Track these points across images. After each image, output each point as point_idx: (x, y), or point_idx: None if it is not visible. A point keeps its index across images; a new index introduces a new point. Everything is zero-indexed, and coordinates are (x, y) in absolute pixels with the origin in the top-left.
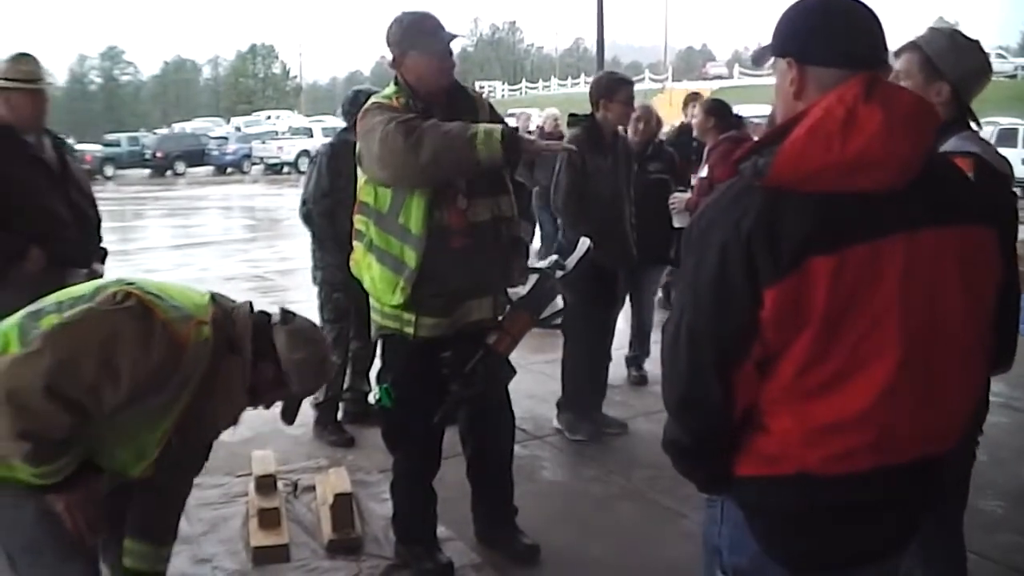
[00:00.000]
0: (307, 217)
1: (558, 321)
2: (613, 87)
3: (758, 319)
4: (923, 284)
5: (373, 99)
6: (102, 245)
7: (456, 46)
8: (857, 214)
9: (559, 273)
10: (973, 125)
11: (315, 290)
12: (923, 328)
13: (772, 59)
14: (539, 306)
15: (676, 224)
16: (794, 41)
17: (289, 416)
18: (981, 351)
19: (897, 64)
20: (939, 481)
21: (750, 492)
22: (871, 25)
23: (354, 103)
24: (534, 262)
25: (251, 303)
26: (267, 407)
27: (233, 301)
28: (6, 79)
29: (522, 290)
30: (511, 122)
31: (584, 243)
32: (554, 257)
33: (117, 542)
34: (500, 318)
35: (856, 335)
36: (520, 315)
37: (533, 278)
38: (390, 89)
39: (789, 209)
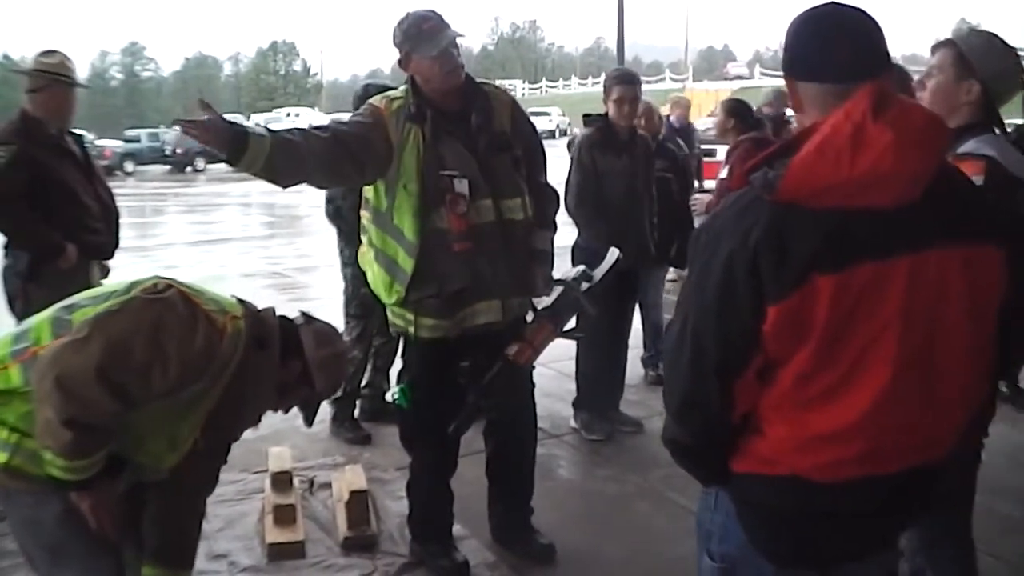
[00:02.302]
0: (335, 214)
1: (580, 333)
2: (608, 84)
3: (760, 330)
4: (925, 302)
5: (370, 100)
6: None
7: (476, 44)
8: (864, 232)
9: (585, 286)
10: (997, 131)
11: (337, 288)
12: (922, 345)
13: None
14: (562, 317)
15: (697, 225)
16: (786, 57)
17: (310, 418)
18: (981, 366)
19: (932, 59)
20: (928, 489)
21: (745, 488)
22: (859, 33)
23: (364, 97)
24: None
25: (274, 308)
26: (286, 411)
27: (257, 306)
28: (53, 73)
29: (546, 300)
30: (539, 121)
31: (613, 253)
32: (581, 267)
33: (132, 543)
34: (527, 321)
35: (856, 349)
36: (543, 326)
37: (557, 289)
38: (399, 90)
39: (796, 225)
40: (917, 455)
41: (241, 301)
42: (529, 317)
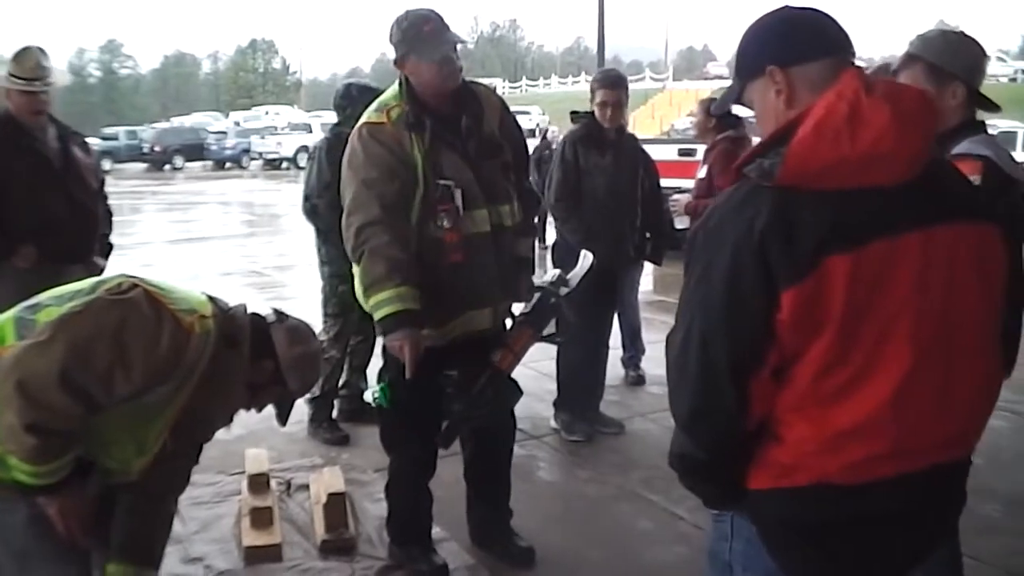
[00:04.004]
0: (312, 211)
1: (559, 338)
2: (592, 88)
3: (774, 322)
4: (938, 281)
5: (364, 117)
6: (109, 239)
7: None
8: (872, 210)
9: (563, 291)
10: (994, 122)
11: (315, 286)
12: (939, 327)
13: (743, 91)
14: (541, 322)
15: (678, 226)
16: (768, 50)
17: (283, 417)
18: (997, 350)
19: (902, 80)
20: (960, 489)
21: (765, 506)
22: (833, 20)
23: (345, 96)
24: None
25: (246, 305)
26: (259, 409)
27: (228, 303)
28: (9, 75)
29: (524, 305)
30: (520, 120)
31: (587, 258)
32: (557, 272)
33: (102, 548)
34: (506, 330)
35: (874, 334)
36: (523, 331)
37: (535, 294)
38: (391, 92)
39: (802, 207)
40: (943, 448)
41: (211, 299)
42: (508, 323)
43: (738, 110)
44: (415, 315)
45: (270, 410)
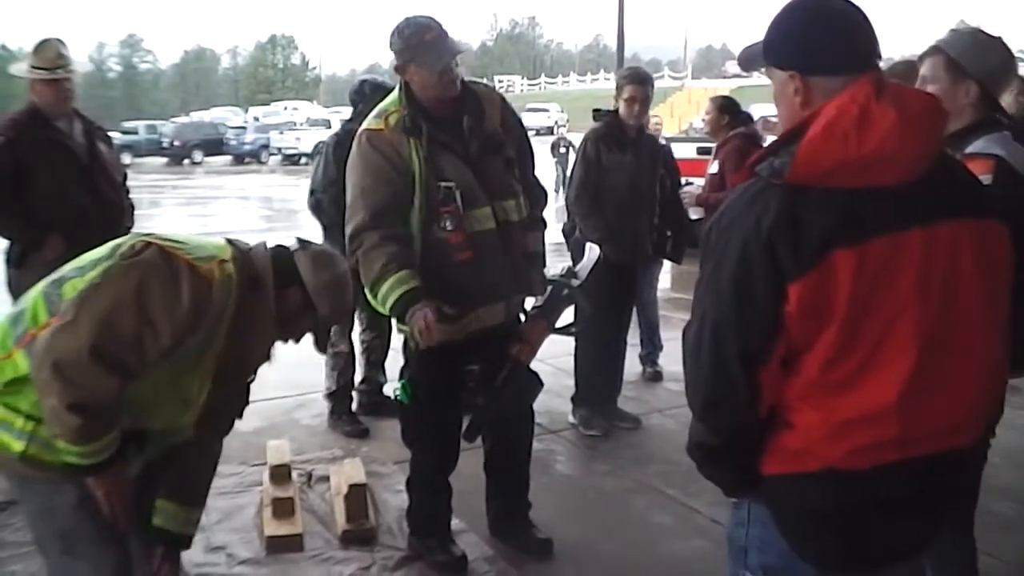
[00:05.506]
0: (316, 206)
1: (574, 329)
2: (619, 84)
3: (782, 315)
4: (940, 276)
5: (365, 123)
6: (133, 232)
7: (475, 41)
8: (876, 208)
9: (574, 282)
10: (1003, 119)
11: None
12: (941, 320)
13: (767, 69)
14: (555, 315)
15: (692, 216)
16: (793, 53)
17: (322, 344)
18: (1000, 343)
19: (922, 69)
20: (964, 474)
21: (777, 491)
22: (863, 24)
23: (358, 93)
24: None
25: (265, 242)
26: (297, 340)
27: (248, 244)
28: (31, 67)
29: (538, 298)
30: (538, 117)
31: (593, 251)
32: (567, 264)
33: (139, 534)
34: (521, 324)
35: (879, 328)
36: (538, 323)
37: (547, 287)
38: (391, 98)
39: (809, 205)
40: (947, 436)
41: (231, 242)
42: (522, 316)
43: (751, 109)
44: (420, 291)
45: (292, 406)
